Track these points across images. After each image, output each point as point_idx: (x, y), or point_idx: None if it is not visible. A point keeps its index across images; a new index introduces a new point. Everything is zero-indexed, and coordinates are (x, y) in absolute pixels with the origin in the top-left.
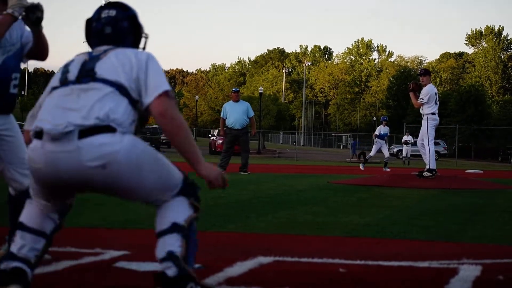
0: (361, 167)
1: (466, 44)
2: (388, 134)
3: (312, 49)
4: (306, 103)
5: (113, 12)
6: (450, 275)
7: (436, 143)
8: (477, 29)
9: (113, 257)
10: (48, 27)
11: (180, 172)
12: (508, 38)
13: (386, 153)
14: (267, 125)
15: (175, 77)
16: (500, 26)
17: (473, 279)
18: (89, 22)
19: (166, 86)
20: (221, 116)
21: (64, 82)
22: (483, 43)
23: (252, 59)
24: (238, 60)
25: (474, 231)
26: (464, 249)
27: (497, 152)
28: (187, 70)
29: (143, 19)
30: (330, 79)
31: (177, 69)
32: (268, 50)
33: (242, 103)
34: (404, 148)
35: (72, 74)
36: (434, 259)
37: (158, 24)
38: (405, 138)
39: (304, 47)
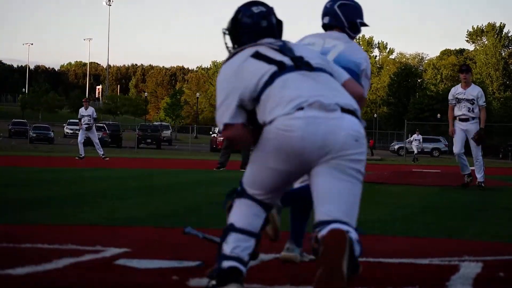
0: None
1: (467, 41)
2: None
3: None
4: None
5: (263, 8)
6: (451, 272)
7: (437, 140)
8: (478, 26)
9: (114, 254)
10: (48, 26)
11: None
12: (509, 35)
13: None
14: None
15: (176, 74)
16: (501, 23)
17: (474, 276)
18: (236, 19)
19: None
20: None
21: (300, 67)
22: (484, 40)
23: None
24: None
25: (475, 228)
26: (465, 246)
27: (498, 149)
28: (188, 68)
29: (143, 16)
30: None
31: (177, 66)
32: None
33: None
34: (414, 145)
35: (315, 61)
36: (435, 256)
37: (159, 22)
38: (415, 137)
39: None
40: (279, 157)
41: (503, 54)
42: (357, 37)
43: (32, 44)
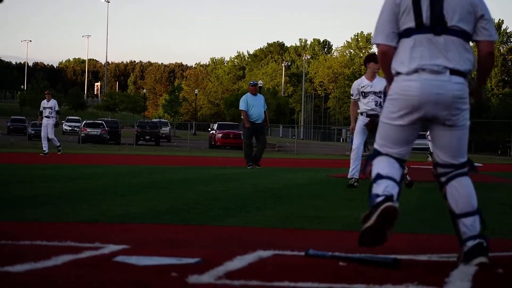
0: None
1: None
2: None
3: (311, 42)
4: (305, 96)
5: None
6: (450, 268)
7: None
8: None
9: (112, 251)
10: (47, 23)
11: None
12: (508, 31)
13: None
14: None
15: (175, 71)
16: (499, 19)
17: (473, 272)
18: None
19: None
20: (243, 108)
21: (433, 29)
22: None
23: (251, 52)
24: (237, 54)
25: None
26: None
27: (496, 145)
28: (187, 64)
29: (141, 13)
30: (329, 72)
31: (176, 63)
32: (267, 43)
33: (260, 96)
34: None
35: (453, 21)
36: (434, 252)
37: (158, 19)
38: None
39: (303, 40)
40: (402, 114)
41: (501, 50)
42: (356, 34)
43: (30, 41)
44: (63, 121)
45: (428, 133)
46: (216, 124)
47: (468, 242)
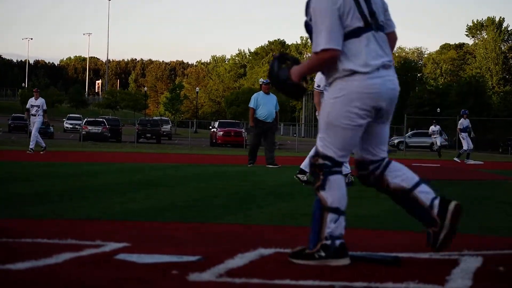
0: (457, 160)
1: (466, 35)
2: (470, 126)
3: None
4: (307, 94)
5: None
6: (451, 266)
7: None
8: (478, 20)
9: (113, 249)
10: (48, 21)
11: None
12: (509, 29)
13: (465, 145)
14: None
15: (176, 69)
16: (501, 17)
17: (474, 270)
18: None
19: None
20: (251, 106)
21: (373, 26)
22: (484, 34)
23: (252, 50)
24: (238, 52)
25: (474, 222)
26: (464, 240)
27: (497, 143)
28: (188, 62)
29: (143, 11)
30: None
31: (177, 61)
32: (268, 41)
33: (272, 95)
34: (438, 139)
35: (381, 19)
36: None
37: (159, 16)
38: (433, 128)
39: (304, 38)
40: (364, 114)
41: (502, 48)
42: None
43: (31, 38)
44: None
45: (431, 131)
46: (217, 122)
47: (434, 201)
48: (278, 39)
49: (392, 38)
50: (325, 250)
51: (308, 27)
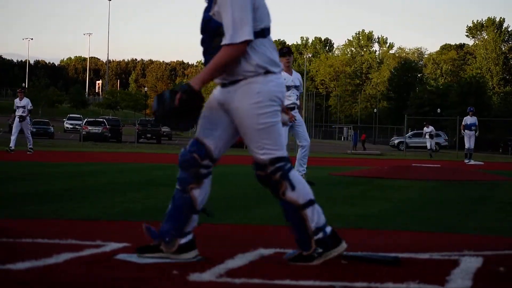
0: (468, 162)
1: (466, 35)
2: (477, 124)
3: (313, 41)
4: (307, 95)
5: None
6: (451, 267)
7: (436, 135)
8: (478, 21)
9: (113, 249)
10: (48, 21)
11: None
12: (509, 29)
13: (466, 144)
14: None
15: (176, 69)
16: (501, 17)
17: (474, 270)
18: None
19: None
20: None
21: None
22: (484, 34)
23: None
24: None
25: (475, 223)
26: (465, 240)
27: (498, 143)
28: (188, 62)
29: (143, 11)
30: (331, 71)
31: (177, 61)
32: None
33: None
34: (428, 140)
35: None
36: (435, 250)
37: (159, 16)
38: (425, 130)
39: (305, 39)
40: (278, 110)
41: (503, 48)
42: (357, 32)
43: (32, 39)
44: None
45: (424, 132)
46: None
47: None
48: (279, 40)
49: None
50: (320, 245)
51: (209, 23)
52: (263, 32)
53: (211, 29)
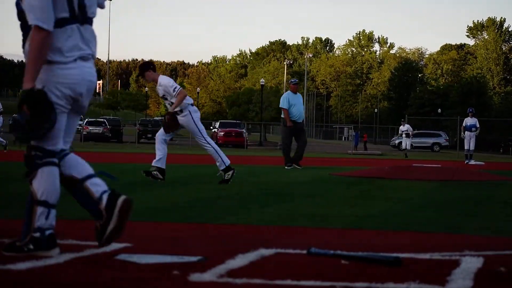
0: (469, 163)
1: (467, 35)
2: (477, 125)
3: (313, 41)
4: (307, 95)
5: None
6: (452, 267)
7: (437, 135)
8: (479, 21)
9: (114, 249)
10: None
11: None
12: (510, 29)
13: (466, 145)
14: (269, 117)
15: (177, 69)
16: (501, 17)
17: (475, 270)
18: None
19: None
20: (284, 106)
21: (80, 18)
22: (485, 34)
23: (253, 51)
24: (239, 52)
25: (475, 223)
26: (466, 240)
27: (498, 143)
28: (189, 62)
29: (143, 11)
30: (331, 71)
31: (178, 61)
32: (269, 42)
33: (299, 95)
34: (404, 139)
35: (90, 11)
36: (436, 250)
37: (160, 17)
38: (401, 128)
39: (305, 39)
40: (66, 102)
41: (503, 48)
42: (358, 32)
43: None
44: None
45: (400, 131)
46: (218, 123)
47: (103, 194)
48: (279, 40)
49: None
50: (34, 243)
51: (18, 8)
52: (61, 22)
53: (20, 16)
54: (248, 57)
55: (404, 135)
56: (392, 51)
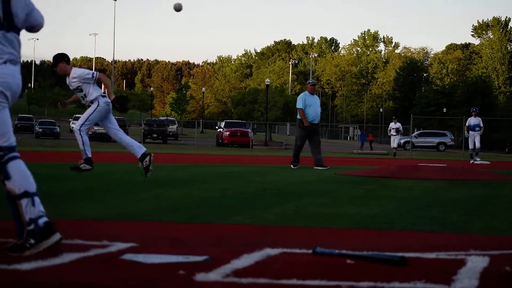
0: (474, 162)
1: (472, 35)
2: (481, 125)
3: (318, 40)
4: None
5: None
6: (458, 266)
7: (443, 135)
8: (484, 20)
9: (120, 249)
10: (54, 21)
11: None
12: None
13: (470, 144)
14: (274, 117)
15: (182, 69)
16: (506, 17)
17: (481, 270)
18: None
19: None
20: (300, 106)
21: (5, 26)
22: (490, 34)
23: (258, 51)
24: (244, 52)
25: (481, 222)
26: (471, 240)
27: (504, 143)
28: (194, 62)
29: (149, 11)
30: (336, 70)
31: (183, 61)
32: (274, 41)
33: (316, 97)
34: (392, 138)
35: (18, 19)
36: (442, 250)
37: (165, 17)
38: (392, 125)
39: (310, 38)
40: (5, 100)
41: (508, 48)
42: (363, 31)
43: (37, 39)
44: (58, 126)
45: (389, 128)
46: (224, 122)
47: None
48: (284, 39)
49: (37, 29)
50: (32, 236)
51: None
52: None
53: None
54: (253, 57)
55: (394, 133)
56: (397, 51)
